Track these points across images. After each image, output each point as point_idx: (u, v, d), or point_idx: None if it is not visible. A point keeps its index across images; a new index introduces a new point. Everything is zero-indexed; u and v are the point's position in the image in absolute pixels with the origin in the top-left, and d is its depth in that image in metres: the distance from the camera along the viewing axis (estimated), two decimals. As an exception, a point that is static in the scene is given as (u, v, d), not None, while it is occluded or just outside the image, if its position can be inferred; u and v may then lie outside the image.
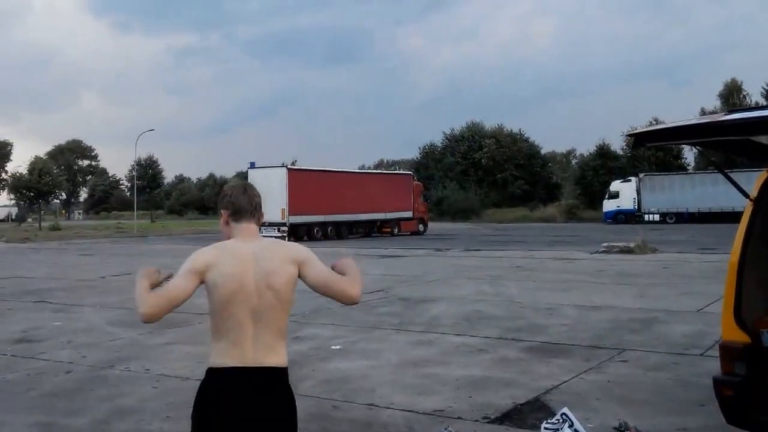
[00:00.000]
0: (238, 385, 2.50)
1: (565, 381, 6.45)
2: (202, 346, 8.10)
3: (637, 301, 11.12)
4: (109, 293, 13.59)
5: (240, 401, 2.49)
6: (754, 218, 4.18)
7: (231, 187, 2.86)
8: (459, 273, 16.53)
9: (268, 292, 2.57)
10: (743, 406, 3.89)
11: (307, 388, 6.14)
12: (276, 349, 2.59)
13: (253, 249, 2.65)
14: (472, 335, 8.65)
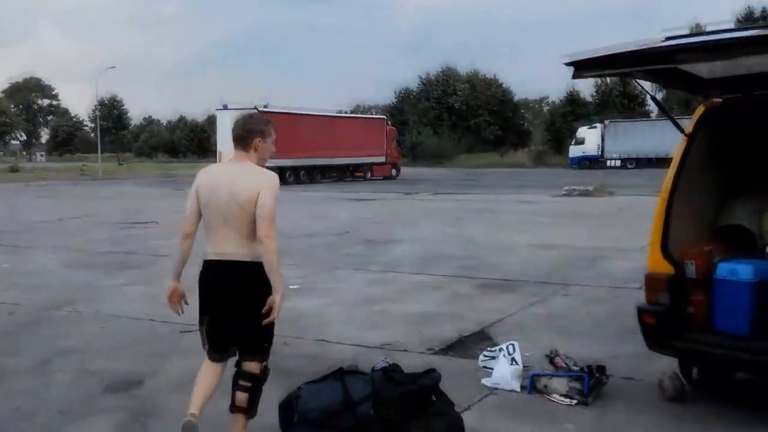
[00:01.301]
0: (213, 270, 3.45)
1: (510, 314, 6.57)
2: (155, 287, 8.07)
3: (588, 240, 11.29)
4: (65, 235, 13.27)
5: (216, 281, 3.44)
6: (687, 153, 4.19)
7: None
8: (425, 215, 16.61)
9: (233, 204, 3.36)
10: (662, 333, 3.98)
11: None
12: (241, 247, 3.38)
13: (231, 170, 3.47)
14: (429, 274, 8.74)
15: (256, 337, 3.48)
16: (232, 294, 3.41)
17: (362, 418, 3.34)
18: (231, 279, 3.39)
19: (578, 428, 3.90)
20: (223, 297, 3.43)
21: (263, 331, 3.45)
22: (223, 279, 3.41)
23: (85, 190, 29.50)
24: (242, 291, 3.39)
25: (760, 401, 4.20)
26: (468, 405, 4.25)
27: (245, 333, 3.45)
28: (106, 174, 44.83)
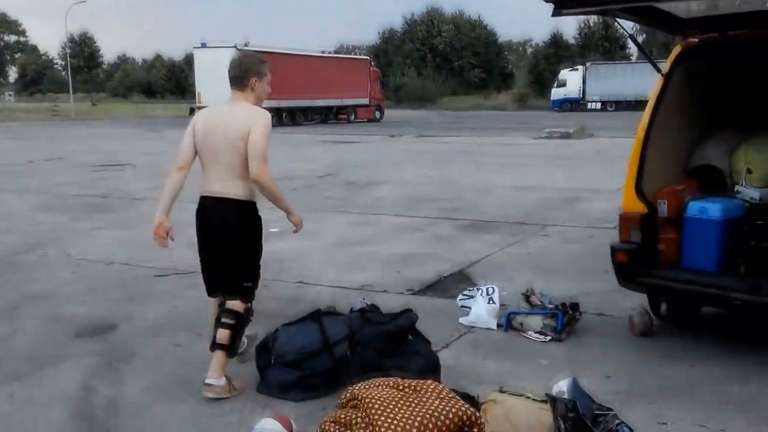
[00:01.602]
0: (204, 206, 3.56)
1: (489, 255, 6.63)
2: (130, 231, 8.03)
3: (567, 182, 11.34)
4: (36, 178, 12.96)
5: (208, 217, 3.55)
6: (663, 93, 4.16)
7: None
8: (407, 158, 16.54)
9: (225, 142, 3.43)
10: (634, 270, 4.04)
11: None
12: (231, 185, 3.46)
13: (226, 110, 3.52)
14: (410, 216, 8.75)
15: (238, 275, 3.57)
16: (218, 230, 3.51)
17: (340, 358, 3.39)
18: (218, 215, 3.50)
19: (551, 363, 3.98)
20: (212, 233, 3.54)
21: (246, 270, 3.56)
22: (212, 215, 3.52)
23: (57, 131, 28.57)
24: (228, 227, 3.49)
25: (724, 334, 4.32)
26: (446, 343, 4.32)
27: (228, 270, 3.55)
28: (79, 115, 43.35)
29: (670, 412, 3.33)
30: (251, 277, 3.60)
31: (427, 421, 2.35)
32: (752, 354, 3.96)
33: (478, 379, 3.74)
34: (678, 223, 4.11)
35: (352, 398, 2.53)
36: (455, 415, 2.40)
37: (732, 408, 3.36)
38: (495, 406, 2.79)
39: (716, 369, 3.80)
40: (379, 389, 2.54)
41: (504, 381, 3.75)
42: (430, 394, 2.50)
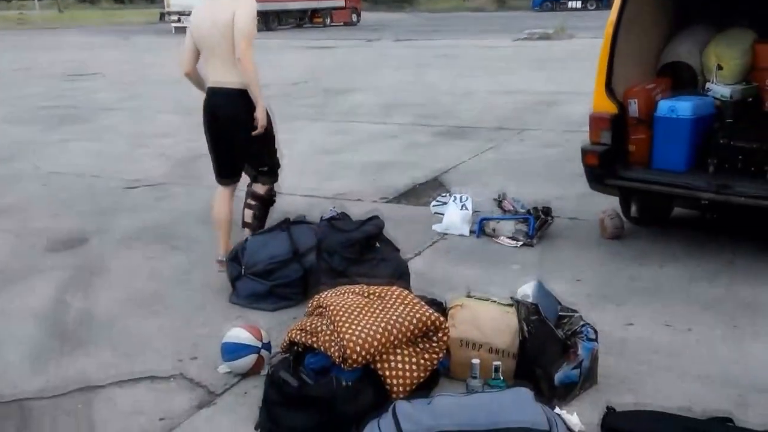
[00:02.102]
0: (209, 98, 3.75)
1: (464, 161, 6.57)
2: (100, 142, 7.83)
3: (546, 84, 11.14)
4: (2, 89, 12.50)
5: (211, 108, 3.75)
6: None
7: None
8: (385, 63, 16.09)
9: (216, 32, 3.57)
10: (604, 172, 4.01)
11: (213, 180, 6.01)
12: (230, 75, 3.64)
13: (214, 3, 3.62)
14: (387, 123, 8.60)
15: (252, 162, 3.87)
16: (225, 119, 3.72)
17: (310, 267, 3.38)
18: (223, 105, 3.70)
19: (523, 267, 4.02)
20: (219, 123, 3.76)
21: (258, 156, 3.84)
22: (216, 105, 3.72)
23: (23, 40, 27.41)
24: (233, 117, 3.68)
25: (692, 235, 4.36)
26: (419, 250, 4.34)
27: (241, 158, 3.84)
28: (47, 22, 41.52)
29: (637, 313, 3.39)
30: (267, 162, 3.89)
31: (390, 326, 2.35)
32: (720, 254, 4.02)
33: (450, 285, 3.77)
34: (649, 123, 4.05)
35: (318, 306, 2.53)
36: (419, 320, 2.41)
37: (698, 307, 3.43)
38: (462, 311, 2.81)
39: (685, 269, 3.86)
40: (344, 296, 2.53)
41: (476, 286, 3.78)
42: (394, 300, 2.50)
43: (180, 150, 7.30)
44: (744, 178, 3.74)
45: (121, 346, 3.20)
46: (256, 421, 2.49)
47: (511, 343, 2.67)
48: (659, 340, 3.12)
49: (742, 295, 3.52)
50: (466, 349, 2.72)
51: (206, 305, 3.59)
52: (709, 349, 3.03)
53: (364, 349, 2.29)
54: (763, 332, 3.16)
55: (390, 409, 2.20)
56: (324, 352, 2.36)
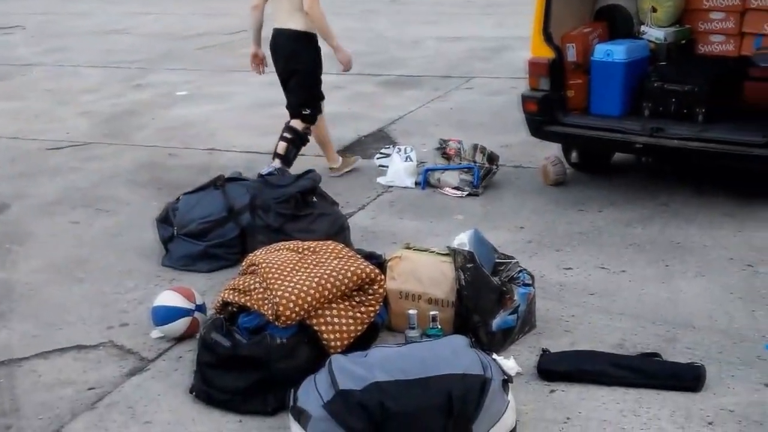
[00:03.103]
0: (273, 37, 4.46)
1: (411, 111, 6.59)
2: (20, 101, 7.54)
3: (495, 30, 11.13)
4: None
5: (273, 47, 4.48)
6: None
7: None
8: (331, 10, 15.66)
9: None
10: (543, 119, 4.10)
11: (142, 138, 5.95)
12: (291, 17, 4.27)
13: None
14: (331, 73, 8.39)
15: (297, 102, 4.49)
16: (281, 57, 4.42)
17: (246, 226, 3.39)
18: (281, 44, 4.36)
19: (467, 218, 4.12)
20: (275, 61, 4.48)
21: (303, 97, 4.45)
22: (278, 45, 4.39)
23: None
24: (287, 55, 4.35)
25: (632, 179, 4.52)
26: (363, 204, 4.39)
27: (289, 95, 4.52)
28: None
29: (575, 258, 3.54)
30: (310, 105, 4.49)
31: (324, 281, 2.41)
32: (656, 197, 4.18)
33: (394, 238, 3.84)
34: (586, 68, 4.14)
35: (251, 264, 2.56)
36: (354, 273, 2.47)
37: (633, 249, 3.60)
38: (401, 263, 2.88)
39: (622, 214, 4.01)
40: (277, 253, 2.57)
41: (420, 239, 3.87)
42: (328, 255, 2.55)
43: (105, 107, 7.11)
44: (677, 120, 3.88)
45: (45, 316, 3.17)
46: (190, 385, 2.54)
47: (449, 293, 2.76)
48: (595, 283, 3.27)
49: (674, 236, 3.70)
50: (405, 300, 2.81)
51: (136, 270, 3.57)
52: (641, 289, 3.19)
53: (297, 305, 2.34)
54: (692, 271, 3.34)
55: (326, 364, 2.27)
56: (257, 311, 2.40)
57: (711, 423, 2.29)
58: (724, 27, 4.27)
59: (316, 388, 2.19)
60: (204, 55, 9.99)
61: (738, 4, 4.19)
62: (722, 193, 4.15)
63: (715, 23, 4.30)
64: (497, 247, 3.12)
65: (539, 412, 2.38)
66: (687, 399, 2.40)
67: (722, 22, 4.27)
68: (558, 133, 4.15)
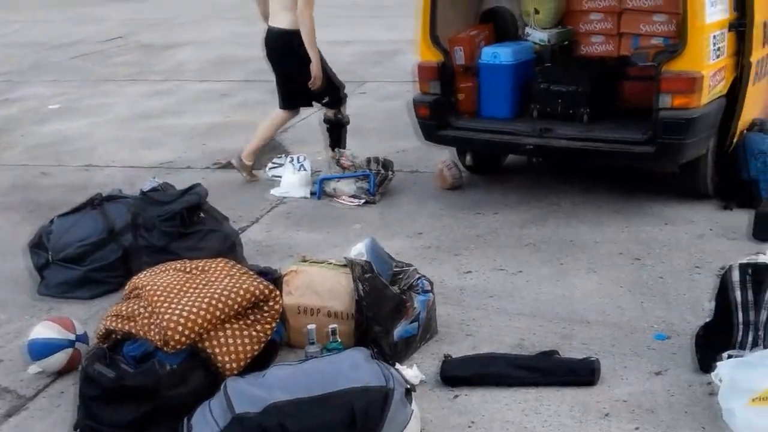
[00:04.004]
0: (266, 36, 4.75)
1: (303, 118, 6.54)
2: None
3: (385, 33, 11.32)
4: None
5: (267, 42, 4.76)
6: None
7: None
8: (214, 13, 15.49)
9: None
10: (435, 123, 4.22)
11: (11, 157, 5.62)
12: (283, 19, 4.53)
13: None
14: (218, 80, 8.37)
15: (313, 94, 4.73)
16: (277, 57, 4.69)
17: (128, 247, 3.27)
18: (275, 44, 4.64)
19: (365, 226, 4.16)
20: (273, 58, 4.75)
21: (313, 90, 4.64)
22: (270, 43, 4.68)
23: None
24: (284, 54, 4.59)
25: (526, 180, 4.73)
26: (256, 218, 4.34)
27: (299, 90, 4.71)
28: None
29: (473, 261, 3.66)
30: (328, 93, 4.75)
31: (215, 301, 2.37)
32: (548, 197, 4.40)
33: (290, 251, 3.82)
34: (475, 71, 4.30)
35: (134, 288, 2.48)
36: (246, 291, 2.44)
37: (528, 250, 3.76)
38: (297, 277, 2.88)
39: (517, 215, 4.19)
40: (163, 275, 2.49)
41: (317, 250, 3.87)
42: (219, 273, 2.51)
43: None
44: (564, 121, 4.10)
45: None
46: (75, 422, 2.42)
47: (348, 305, 2.78)
48: (493, 285, 3.40)
49: (567, 234, 3.91)
50: (303, 315, 2.80)
51: (9, 301, 3.38)
52: (538, 289, 3.35)
53: (186, 328, 2.28)
54: (584, 267, 3.54)
55: (222, 387, 2.23)
56: (143, 337, 2.33)
57: (607, 414, 2.43)
58: (603, 28, 4.54)
59: (211, 414, 2.15)
60: (77, 64, 9.56)
61: (615, 5, 4.46)
62: (610, 190, 4.41)
63: (594, 24, 4.56)
64: (396, 254, 3.20)
65: (444, 419, 2.44)
66: (584, 393, 2.53)
67: (601, 23, 4.53)
68: (450, 137, 4.28)
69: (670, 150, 3.74)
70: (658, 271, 3.45)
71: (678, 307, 3.10)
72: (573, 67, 4.40)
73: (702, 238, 3.78)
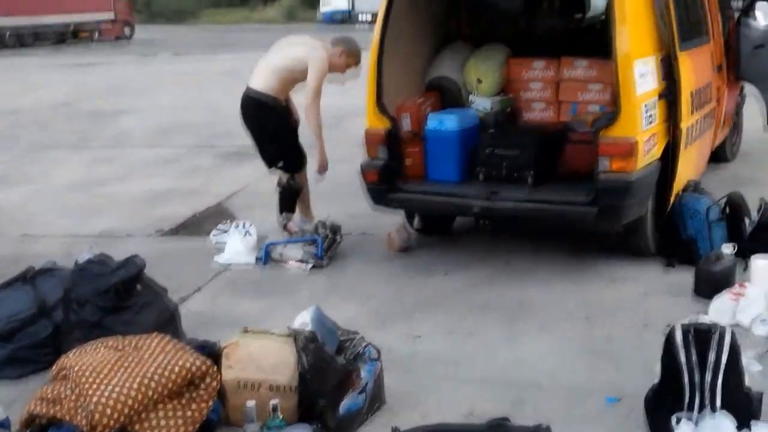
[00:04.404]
0: (244, 95, 4.74)
1: (250, 184, 6.51)
2: None
3: (336, 99, 11.43)
4: None
5: (242, 104, 4.77)
6: (390, 7, 4.27)
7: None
8: (163, 80, 15.50)
9: (281, 51, 4.72)
10: (383, 187, 4.22)
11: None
12: (262, 83, 4.59)
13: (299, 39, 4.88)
14: (164, 147, 8.28)
15: (270, 156, 4.81)
16: (250, 119, 4.78)
17: (60, 323, 3.10)
18: (247, 105, 4.71)
19: (312, 293, 4.06)
20: (247, 120, 4.83)
21: (275, 152, 4.78)
22: (245, 104, 4.73)
23: None
24: (255, 116, 4.73)
25: (475, 240, 4.74)
26: (198, 287, 4.20)
27: (263, 151, 4.84)
28: None
29: (424, 325, 3.59)
30: (282, 159, 4.77)
31: (148, 380, 2.23)
32: (498, 257, 4.40)
33: (234, 322, 3.64)
34: (422, 137, 4.36)
35: (62, 368, 2.32)
36: (182, 368, 2.31)
37: (480, 311, 3.72)
38: (238, 350, 2.75)
39: (466, 276, 4.16)
40: (93, 353, 2.35)
41: (262, 320, 3.74)
42: (153, 350, 2.38)
43: None
44: (510, 184, 4.15)
45: None
46: None
47: (291, 378, 2.66)
48: (444, 350, 3.33)
49: (517, 295, 3.89)
50: (244, 390, 2.66)
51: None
52: (488, 352, 3.29)
53: (116, 410, 2.13)
54: (535, 328, 3.51)
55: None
56: (69, 423, 2.16)
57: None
58: (543, 96, 4.70)
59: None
60: (19, 132, 9.35)
61: (553, 76, 4.63)
62: (558, 249, 4.45)
63: (535, 92, 4.71)
64: (345, 320, 3.11)
65: (394, 496, 2.32)
66: (536, 462, 2.44)
67: (541, 92, 4.69)
68: (399, 201, 4.29)
69: (611, 211, 3.82)
70: (607, 331, 3.44)
71: (628, 367, 3.08)
72: (516, 133, 4.51)
73: (647, 296, 3.81)
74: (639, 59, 3.81)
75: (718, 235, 4.09)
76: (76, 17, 31.29)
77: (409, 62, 4.59)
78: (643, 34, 3.93)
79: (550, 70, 4.59)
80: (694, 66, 4.40)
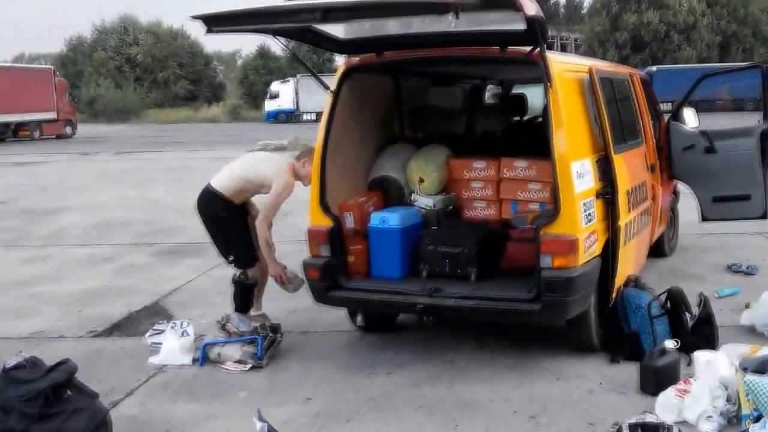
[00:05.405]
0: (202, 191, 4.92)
1: (189, 281, 6.34)
2: None
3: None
4: None
5: (198, 200, 4.94)
6: (333, 109, 4.35)
7: None
8: (103, 178, 15.26)
9: (249, 162, 5.02)
10: (325, 285, 4.16)
11: None
12: (220, 182, 4.83)
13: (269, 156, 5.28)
14: (101, 244, 8.02)
15: (221, 251, 4.94)
16: (203, 214, 4.90)
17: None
18: (201, 201, 4.86)
19: (250, 394, 3.89)
20: (201, 216, 4.94)
21: (223, 248, 4.90)
22: (199, 200, 4.87)
23: None
24: (205, 212, 4.88)
25: (420, 337, 4.65)
26: (130, 390, 3.97)
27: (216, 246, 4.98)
28: None
29: (366, 427, 3.46)
30: (233, 254, 4.85)
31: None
32: (443, 355, 4.32)
33: (167, 427, 3.50)
34: (365, 235, 4.36)
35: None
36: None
37: (423, 412, 3.61)
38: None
39: (410, 375, 4.06)
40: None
41: (197, 424, 3.55)
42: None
43: None
44: (452, 280, 4.14)
45: None
46: None
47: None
48: (389, 455, 3.17)
49: (461, 393, 3.80)
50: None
51: None
52: (433, 458, 3.15)
53: None
54: (480, 429, 3.40)
55: None
56: None
57: None
58: (484, 194, 4.75)
59: None
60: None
61: (494, 175, 4.71)
62: (503, 344, 4.41)
63: (476, 191, 4.77)
64: (282, 424, 2.95)
65: None
66: None
67: (482, 190, 4.75)
68: (341, 298, 4.22)
69: (554, 307, 3.82)
70: (553, 430, 3.36)
71: (576, 468, 2.99)
72: (459, 230, 4.52)
73: (593, 393, 3.77)
74: (576, 161, 3.90)
75: (660, 330, 4.12)
76: (15, 117, 30.98)
77: (352, 162, 4.64)
78: (578, 137, 4.05)
79: (491, 169, 4.66)
80: (628, 166, 4.54)
